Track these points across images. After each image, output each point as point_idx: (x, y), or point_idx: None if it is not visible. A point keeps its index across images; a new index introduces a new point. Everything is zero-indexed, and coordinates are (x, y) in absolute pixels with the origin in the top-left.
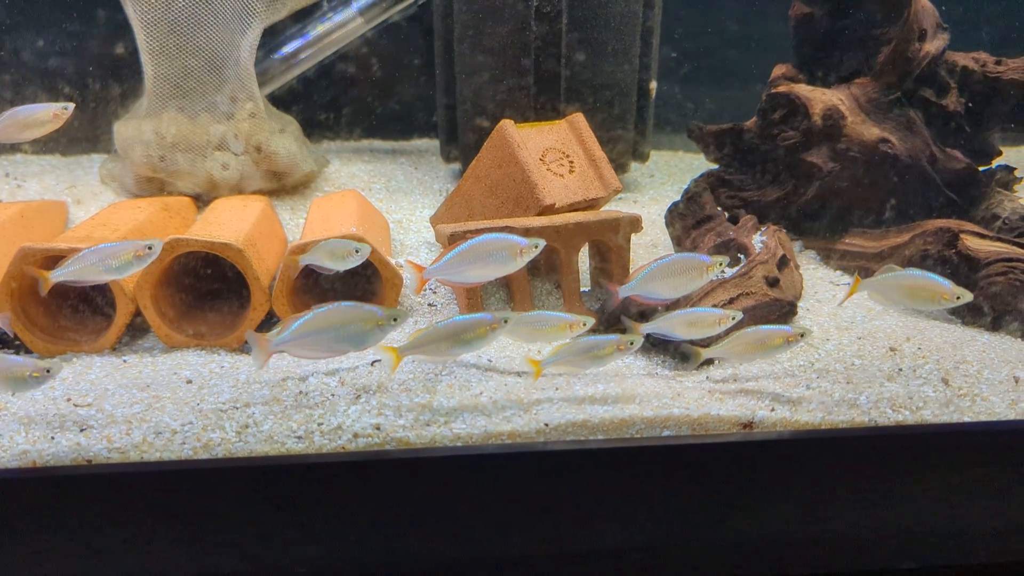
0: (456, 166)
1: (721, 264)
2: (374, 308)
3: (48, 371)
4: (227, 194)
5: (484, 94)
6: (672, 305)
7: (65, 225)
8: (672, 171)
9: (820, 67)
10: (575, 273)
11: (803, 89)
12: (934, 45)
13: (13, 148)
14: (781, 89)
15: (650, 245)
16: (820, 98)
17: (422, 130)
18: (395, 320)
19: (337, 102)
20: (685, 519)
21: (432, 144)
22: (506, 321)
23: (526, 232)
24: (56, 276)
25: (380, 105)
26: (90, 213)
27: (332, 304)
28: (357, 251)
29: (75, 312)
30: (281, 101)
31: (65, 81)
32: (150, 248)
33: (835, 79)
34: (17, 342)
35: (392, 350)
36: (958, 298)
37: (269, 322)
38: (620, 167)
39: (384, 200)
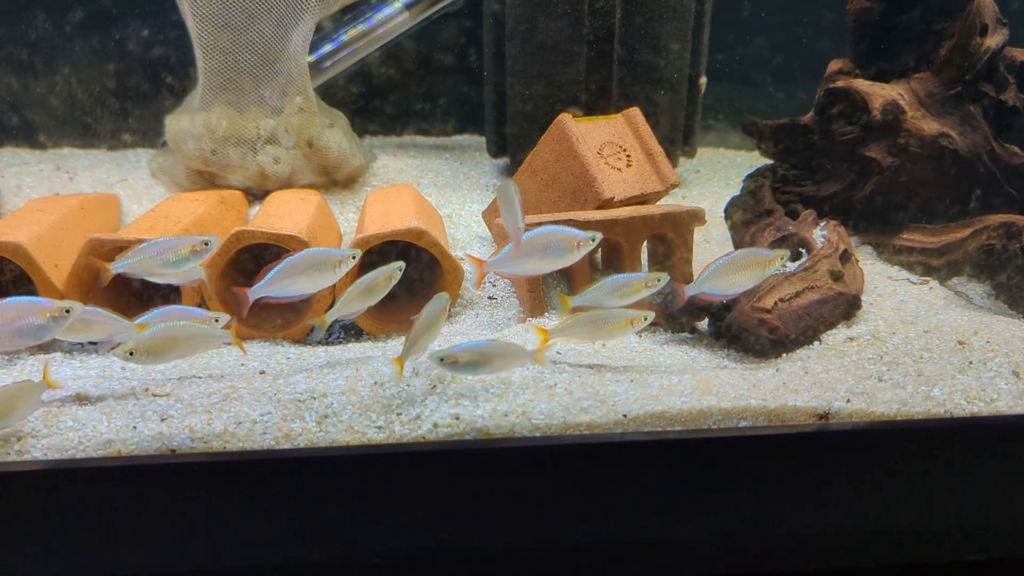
0: (504, 161)
1: (783, 258)
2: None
3: (68, 312)
4: (277, 188)
5: (535, 89)
6: (735, 300)
7: (119, 218)
8: (717, 167)
9: (878, 62)
10: (637, 267)
11: (862, 84)
12: (994, 40)
13: (59, 142)
14: (839, 84)
15: (702, 241)
16: (879, 93)
17: (463, 126)
18: (593, 240)
19: (380, 97)
20: (763, 509)
21: (474, 140)
22: (400, 270)
23: (588, 225)
24: (117, 268)
25: (422, 100)
26: (142, 206)
27: (542, 228)
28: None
29: (140, 303)
30: (325, 95)
31: (111, 77)
32: (207, 244)
33: (893, 74)
34: None
35: (321, 318)
36: None
37: None
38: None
39: (433, 195)
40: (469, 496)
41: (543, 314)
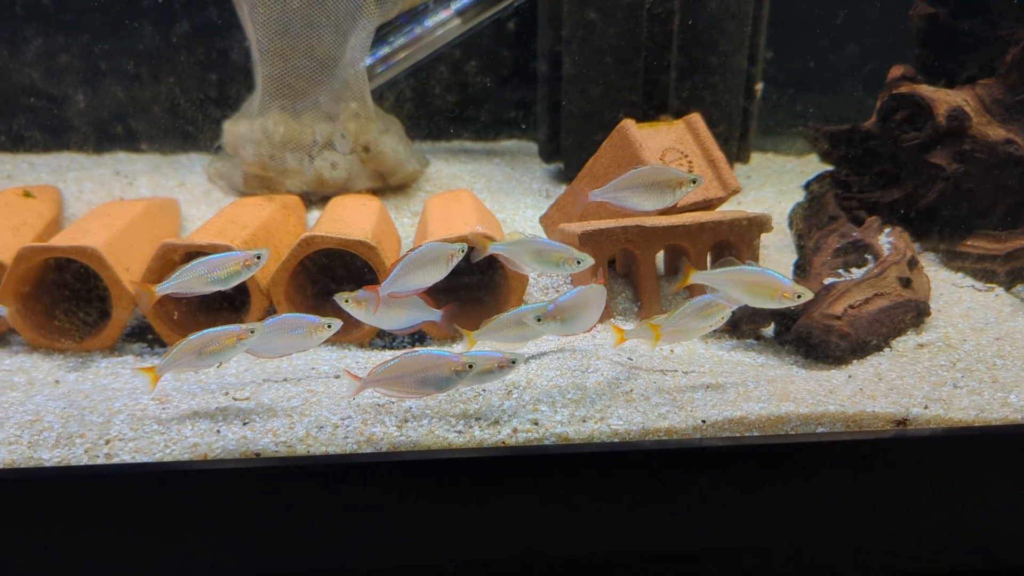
0: (557, 166)
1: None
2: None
3: (471, 367)
4: (333, 193)
5: (592, 94)
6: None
7: (179, 222)
8: (767, 172)
9: (942, 67)
10: None
11: (926, 90)
12: None
13: (115, 145)
14: (903, 90)
15: (758, 246)
16: (944, 99)
17: (510, 131)
18: (693, 183)
19: (430, 102)
20: (842, 516)
21: (523, 145)
22: (252, 332)
23: (669, 231)
24: (163, 289)
25: (471, 106)
26: (200, 210)
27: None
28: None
29: (207, 307)
30: (377, 100)
31: (164, 83)
32: (259, 258)
33: (958, 80)
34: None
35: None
36: (799, 296)
37: None
38: None
39: (487, 200)
40: (551, 501)
41: (610, 319)
